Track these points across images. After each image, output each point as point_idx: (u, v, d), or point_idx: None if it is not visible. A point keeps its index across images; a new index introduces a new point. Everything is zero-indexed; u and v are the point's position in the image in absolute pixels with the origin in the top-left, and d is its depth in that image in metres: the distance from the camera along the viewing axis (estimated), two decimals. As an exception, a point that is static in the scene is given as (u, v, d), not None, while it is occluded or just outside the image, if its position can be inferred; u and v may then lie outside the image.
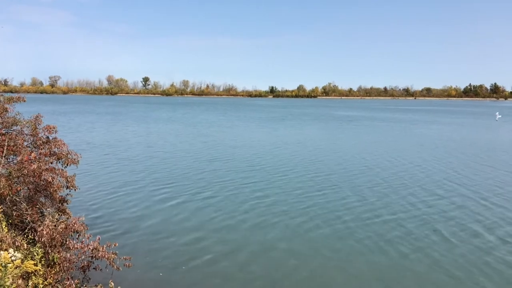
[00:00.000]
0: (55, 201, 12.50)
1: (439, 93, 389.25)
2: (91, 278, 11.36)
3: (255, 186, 24.74)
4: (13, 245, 9.81)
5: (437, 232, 17.16)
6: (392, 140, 51.30)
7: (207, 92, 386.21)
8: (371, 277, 13.19)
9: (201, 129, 62.54)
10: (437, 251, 15.15)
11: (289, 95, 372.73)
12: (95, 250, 10.70)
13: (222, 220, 18.66)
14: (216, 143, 45.39)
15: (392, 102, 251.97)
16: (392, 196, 22.61)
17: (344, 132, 61.71)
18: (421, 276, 13.23)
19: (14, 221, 11.59)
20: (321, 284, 12.82)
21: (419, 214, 19.60)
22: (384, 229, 17.37)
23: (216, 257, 14.57)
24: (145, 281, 12.63)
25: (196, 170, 29.76)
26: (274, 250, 15.21)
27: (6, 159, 12.14)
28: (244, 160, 34.25)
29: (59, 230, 10.52)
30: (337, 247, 15.59)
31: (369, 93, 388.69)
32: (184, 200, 21.77)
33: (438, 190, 24.20)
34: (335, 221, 18.43)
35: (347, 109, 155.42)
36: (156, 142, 46.65)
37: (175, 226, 17.90)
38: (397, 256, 14.79)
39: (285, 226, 17.70)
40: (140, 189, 23.87)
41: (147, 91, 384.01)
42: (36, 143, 12.97)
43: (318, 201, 21.51)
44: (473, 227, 17.87)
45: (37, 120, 13.35)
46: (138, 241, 15.94)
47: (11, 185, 11.25)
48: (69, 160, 12.86)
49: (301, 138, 51.82)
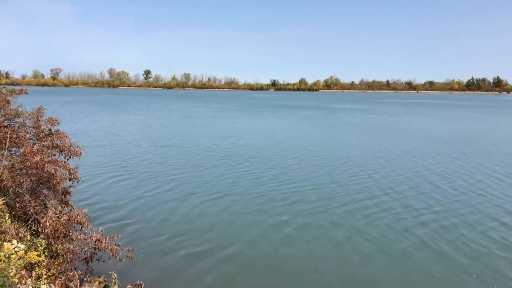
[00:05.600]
0: (58, 193, 12.57)
1: (441, 86, 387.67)
2: (94, 269, 11.45)
3: (255, 175, 24.83)
4: (17, 236, 9.88)
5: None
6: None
7: (209, 85, 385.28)
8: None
9: (202, 121, 62.55)
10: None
11: (291, 89, 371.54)
12: (98, 242, 10.78)
13: (227, 210, 18.74)
14: (220, 136, 45.41)
15: (393, 96, 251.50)
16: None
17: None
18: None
19: (17, 213, 11.66)
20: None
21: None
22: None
23: (219, 247, 14.64)
24: (147, 272, 12.70)
25: (198, 161, 29.85)
26: (287, 244, 15.29)
27: (9, 151, 12.18)
28: (242, 149, 34.35)
29: (62, 221, 10.58)
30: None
31: (371, 86, 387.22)
32: (187, 191, 21.84)
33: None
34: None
35: (346, 102, 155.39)
36: (157, 134, 46.71)
37: (178, 217, 17.98)
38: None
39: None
40: (142, 180, 23.95)
41: (149, 84, 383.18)
42: (39, 135, 13.02)
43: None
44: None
45: (40, 112, 13.37)
46: (141, 233, 16.02)
47: (14, 177, 11.30)
48: (71, 152, 12.92)
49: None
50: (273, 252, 14.50)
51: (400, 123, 65.65)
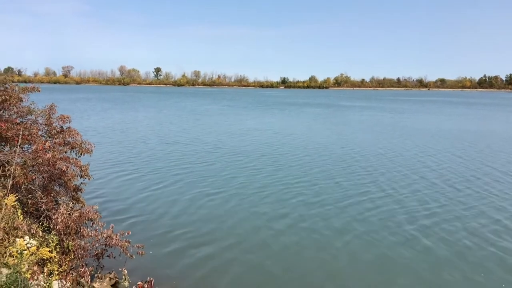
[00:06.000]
0: (69, 190, 12.67)
1: (453, 84, 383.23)
2: (105, 265, 11.54)
3: (269, 172, 24.84)
4: (29, 233, 9.99)
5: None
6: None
7: (218, 83, 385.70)
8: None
9: (210, 119, 62.66)
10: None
11: (301, 86, 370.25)
12: (108, 238, 10.86)
13: (238, 208, 18.79)
14: (226, 134, 45.45)
15: (403, 94, 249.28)
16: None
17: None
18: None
19: (29, 209, 11.79)
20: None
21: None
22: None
23: (228, 244, 14.69)
24: (158, 269, 12.77)
25: (206, 158, 29.93)
26: (295, 244, 15.29)
27: (21, 148, 12.29)
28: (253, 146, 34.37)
29: (74, 218, 10.68)
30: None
31: (382, 84, 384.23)
32: (197, 188, 21.91)
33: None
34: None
35: (355, 100, 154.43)
36: (167, 130, 46.88)
37: (188, 213, 18.07)
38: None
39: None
40: (151, 177, 24.09)
41: (159, 81, 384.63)
42: (51, 133, 13.11)
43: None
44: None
45: (51, 109, 13.46)
46: (150, 229, 16.11)
47: (26, 174, 11.41)
48: (82, 149, 13.00)
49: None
50: (283, 249, 14.51)
51: (407, 121, 65.19)
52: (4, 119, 12.40)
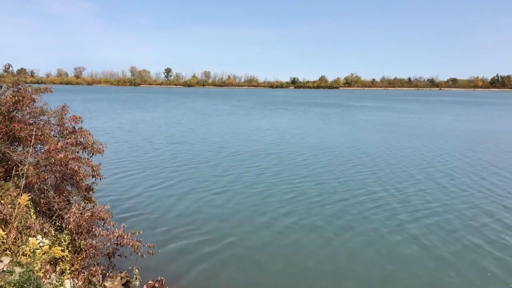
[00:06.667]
0: (81, 190, 12.81)
1: (465, 83, 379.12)
2: (116, 264, 11.61)
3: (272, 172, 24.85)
4: (41, 232, 10.11)
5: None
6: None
7: (228, 83, 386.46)
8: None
9: (218, 119, 62.82)
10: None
11: (311, 86, 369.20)
12: (120, 238, 10.93)
13: (250, 208, 18.78)
14: (234, 134, 45.52)
15: (414, 93, 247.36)
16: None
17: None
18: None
19: (42, 209, 11.93)
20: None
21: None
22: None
23: (239, 243, 14.68)
24: (168, 268, 12.81)
25: (220, 157, 30.00)
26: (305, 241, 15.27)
27: (34, 148, 12.44)
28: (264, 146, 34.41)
29: (85, 217, 10.77)
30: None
31: (393, 83, 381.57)
32: (205, 187, 21.98)
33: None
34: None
35: (364, 100, 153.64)
36: (177, 130, 47.04)
37: (198, 213, 18.10)
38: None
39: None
40: (159, 176, 24.20)
41: (169, 82, 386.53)
42: (63, 133, 13.27)
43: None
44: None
45: (64, 110, 13.62)
46: (161, 228, 16.15)
47: (39, 174, 11.55)
48: (94, 149, 13.14)
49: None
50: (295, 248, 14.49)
51: (415, 121, 64.56)
52: (18, 120, 12.57)
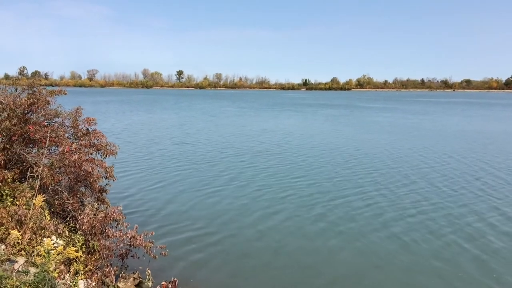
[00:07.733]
0: (94, 191, 12.93)
1: (479, 85, 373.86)
2: (129, 265, 11.69)
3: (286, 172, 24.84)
4: (56, 233, 10.22)
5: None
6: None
7: (240, 85, 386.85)
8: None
9: (226, 120, 63.06)
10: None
11: (322, 88, 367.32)
12: (133, 239, 11.01)
13: (265, 210, 18.78)
14: (245, 136, 45.61)
15: (427, 95, 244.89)
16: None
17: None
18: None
19: (56, 210, 12.06)
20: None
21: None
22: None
23: (249, 244, 14.67)
24: (181, 269, 12.85)
25: (235, 158, 30.14)
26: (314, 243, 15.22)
27: (49, 150, 12.59)
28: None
29: (99, 218, 10.87)
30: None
31: (405, 85, 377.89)
32: (222, 189, 22.07)
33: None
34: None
35: (376, 101, 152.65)
36: (189, 131, 47.42)
37: (209, 213, 18.16)
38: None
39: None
40: (169, 177, 24.40)
41: (181, 84, 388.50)
42: (77, 135, 13.41)
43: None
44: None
45: (78, 112, 13.76)
46: (173, 229, 16.23)
47: (53, 175, 11.68)
48: (107, 151, 13.26)
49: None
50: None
51: (422, 122, 64.05)
52: (32, 122, 12.72)
